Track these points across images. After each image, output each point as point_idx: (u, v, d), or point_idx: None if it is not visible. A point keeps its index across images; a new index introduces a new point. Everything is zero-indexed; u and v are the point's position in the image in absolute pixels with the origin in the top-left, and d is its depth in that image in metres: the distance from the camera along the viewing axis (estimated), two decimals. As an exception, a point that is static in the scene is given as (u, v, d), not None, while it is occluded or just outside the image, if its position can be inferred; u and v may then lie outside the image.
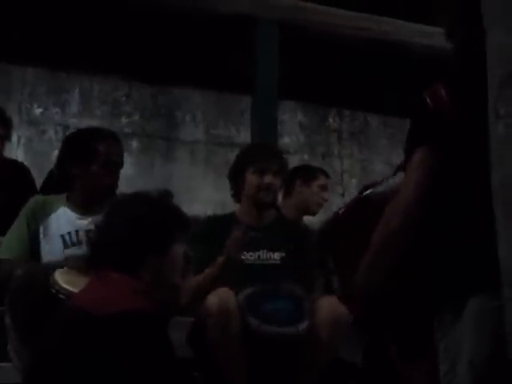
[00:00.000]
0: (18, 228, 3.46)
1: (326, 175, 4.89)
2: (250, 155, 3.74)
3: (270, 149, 3.93)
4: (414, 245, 2.18)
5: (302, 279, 3.52)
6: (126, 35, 5.46)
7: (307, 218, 4.78)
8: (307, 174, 4.80)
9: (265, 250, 3.61)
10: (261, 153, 3.74)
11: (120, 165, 3.55)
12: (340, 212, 2.66)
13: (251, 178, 3.66)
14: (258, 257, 3.60)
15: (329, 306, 3.29)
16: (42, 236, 3.44)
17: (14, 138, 5.24)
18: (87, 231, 3.38)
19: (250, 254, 3.59)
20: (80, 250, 3.33)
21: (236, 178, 3.74)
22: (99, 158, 3.45)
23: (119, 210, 2.51)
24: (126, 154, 5.59)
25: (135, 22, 5.38)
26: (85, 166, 3.46)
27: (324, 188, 4.79)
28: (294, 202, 4.68)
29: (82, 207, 3.50)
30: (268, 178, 3.64)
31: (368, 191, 2.58)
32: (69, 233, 3.45)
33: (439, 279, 2.16)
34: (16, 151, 5.51)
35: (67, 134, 4.50)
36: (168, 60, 5.66)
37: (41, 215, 3.47)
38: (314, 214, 4.77)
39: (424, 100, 2.18)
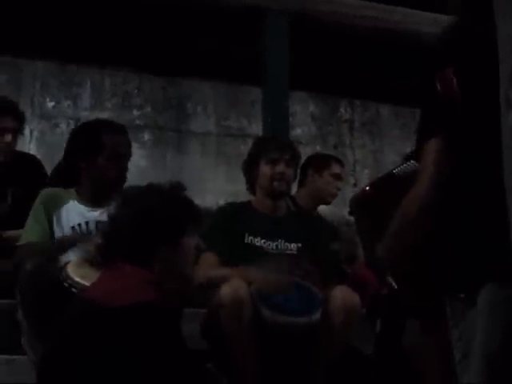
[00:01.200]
0: (36, 215, 3.49)
1: (340, 163, 4.82)
2: (263, 147, 3.78)
3: (281, 140, 3.97)
4: (428, 232, 2.18)
5: (318, 269, 3.52)
6: (136, 28, 5.46)
7: (322, 208, 4.75)
8: (319, 162, 4.75)
9: (282, 240, 3.63)
10: (273, 144, 3.78)
11: (127, 156, 3.56)
12: (366, 188, 2.66)
13: (264, 169, 3.69)
14: (276, 247, 3.61)
15: (342, 296, 3.30)
16: (54, 225, 3.47)
17: (27, 131, 5.26)
18: (98, 222, 3.40)
19: (269, 243, 3.61)
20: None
21: (250, 169, 3.77)
22: (105, 151, 3.47)
23: (131, 202, 2.51)
24: (137, 147, 5.71)
25: (145, 15, 5.38)
26: (91, 159, 3.48)
27: (337, 177, 4.72)
28: (307, 192, 4.64)
29: (92, 200, 3.52)
30: (280, 168, 3.67)
31: (395, 169, 2.58)
32: (79, 224, 3.47)
33: (452, 267, 2.16)
34: (28, 145, 5.53)
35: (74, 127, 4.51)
36: (178, 52, 5.67)
37: (53, 205, 3.50)
38: (327, 203, 4.73)
39: (434, 84, 2.18)
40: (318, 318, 3.25)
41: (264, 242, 3.61)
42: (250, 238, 3.61)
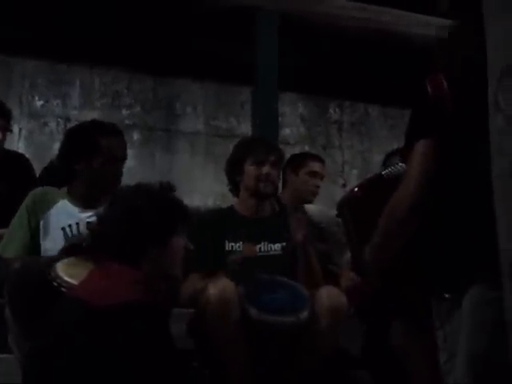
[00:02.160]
0: (19, 224, 3.46)
1: (318, 160, 4.75)
2: (248, 147, 3.76)
3: (267, 141, 3.95)
4: (415, 233, 2.19)
5: (304, 267, 3.54)
6: (126, 27, 5.46)
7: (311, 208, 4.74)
8: (295, 161, 4.68)
9: (265, 242, 3.62)
10: (258, 145, 3.76)
11: (123, 159, 3.55)
12: (356, 189, 2.66)
13: (249, 170, 3.68)
14: (259, 249, 3.61)
15: (328, 296, 3.30)
16: (42, 229, 3.44)
17: (15, 130, 5.25)
18: (88, 223, 3.39)
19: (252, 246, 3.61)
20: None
21: (234, 170, 3.75)
22: (102, 153, 3.45)
23: (121, 201, 2.51)
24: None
25: (135, 14, 5.37)
26: (88, 161, 3.46)
27: (314, 174, 4.65)
28: (289, 192, 4.61)
29: (84, 200, 3.50)
30: (266, 169, 3.66)
31: (384, 171, 2.59)
32: (69, 225, 3.45)
33: (439, 267, 2.17)
34: (17, 143, 5.51)
35: (69, 127, 4.50)
36: (168, 52, 5.66)
37: (41, 207, 3.47)
38: (309, 201, 4.70)
39: (424, 87, 2.18)
40: (305, 318, 3.24)
41: (245, 247, 3.61)
42: (231, 244, 3.60)
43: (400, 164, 2.46)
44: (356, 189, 2.67)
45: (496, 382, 2.03)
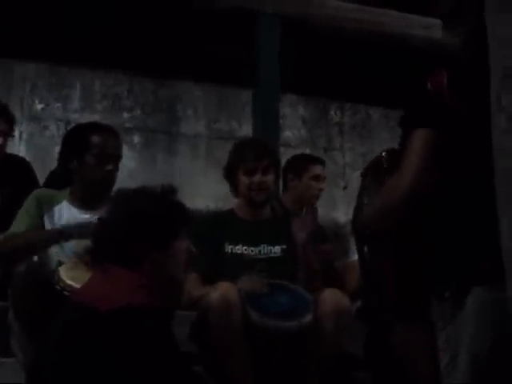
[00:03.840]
0: (27, 207, 3.50)
1: (319, 163, 4.71)
2: (239, 155, 3.71)
3: (259, 146, 3.80)
4: (416, 232, 2.19)
5: (304, 269, 3.53)
6: (127, 30, 5.45)
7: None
8: (297, 166, 4.65)
9: (265, 245, 3.61)
10: (249, 152, 3.68)
11: (116, 157, 3.55)
12: (383, 154, 2.61)
13: (242, 179, 3.66)
14: (259, 251, 3.60)
15: (331, 299, 3.29)
16: (47, 222, 3.48)
17: (16, 133, 5.24)
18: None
19: (251, 248, 3.59)
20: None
21: (229, 177, 3.74)
22: (94, 150, 3.47)
23: (122, 204, 2.51)
24: (127, 149, 5.70)
25: (136, 17, 5.37)
26: (81, 159, 3.49)
27: (317, 178, 4.62)
28: (290, 196, 4.58)
29: (83, 202, 3.52)
30: (257, 178, 3.63)
31: None
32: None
33: (442, 268, 2.16)
34: (18, 147, 5.51)
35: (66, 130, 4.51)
36: (169, 54, 5.66)
37: (45, 204, 3.51)
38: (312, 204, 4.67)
39: (425, 85, 2.18)
40: (308, 322, 3.24)
41: (245, 249, 3.59)
42: (230, 247, 3.60)
43: None
44: (384, 153, 2.60)
45: (498, 382, 2.02)
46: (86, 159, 3.48)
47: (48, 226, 3.48)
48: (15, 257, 3.29)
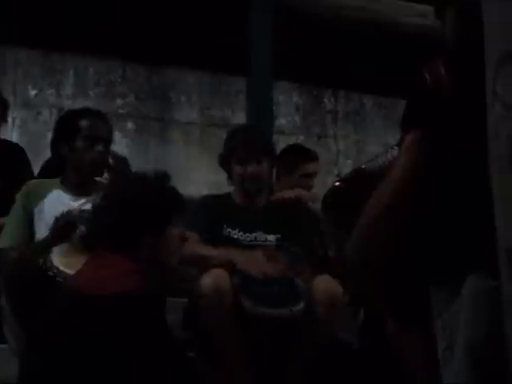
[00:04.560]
0: (15, 215, 3.47)
1: (311, 159, 4.59)
2: (232, 145, 3.69)
3: (252, 135, 3.79)
4: (411, 221, 2.19)
5: (298, 259, 3.52)
6: (120, 16, 5.44)
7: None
8: (288, 163, 4.50)
9: (261, 232, 3.61)
10: (242, 141, 3.67)
11: (104, 141, 3.54)
12: (337, 183, 2.67)
13: (236, 169, 3.65)
14: (255, 238, 3.60)
15: (324, 286, 3.30)
16: (36, 218, 3.45)
17: (9, 119, 5.22)
18: (82, 211, 3.39)
19: (247, 235, 3.59)
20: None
21: (224, 166, 3.73)
22: (82, 133, 3.48)
23: (116, 190, 2.51)
24: (120, 136, 5.69)
25: (129, 4, 5.35)
26: (70, 145, 3.49)
27: (308, 176, 4.51)
28: (282, 188, 4.55)
29: (75, 188, 3.52)
30: (251, 168, 3.62)
31: (364, 164, 2.60)
32: (62, 214, 3.46)
33: (437, 256, 2.17)
34: (11, 133, 5.49)
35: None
36: (163, 41, 5.65)
37: (35, 198, 3.49)
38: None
39: (422, 76, 2.18)
40: (300, 309, 3.24)
41: (241, 235, 3.59)
42: (228, 229, 3.59)
43: (382, 155, 2.48)
44: (338, 183, 2.67)
45: (494, 369, 2.03)
46: (75, 144, 3.48)
47: (37, 220, 3.44)
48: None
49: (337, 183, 2.68)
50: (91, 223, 2.53)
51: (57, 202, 3.47)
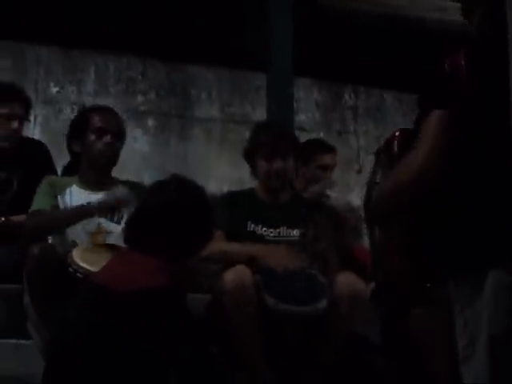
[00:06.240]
0: (43, 190, 3.59)
1: (328, 151, 4.57)
2: (258, 140, 3.69)
3: (278, 130, 3.79)
4: (432, 214, 2.18)
5: (321, 255, 3.53)
6: (140, 13, 5.45)
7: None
8: (305, 153, 4.37)
9: (284, 227, 3.62)
10: (268, 137, 3.67)
11: (114, 133, 3.63)
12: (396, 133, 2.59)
13: (261, 164, 3.65)
14: (279, 233, 3.60)
15: (347, 282, 3.29)
16: (60, 205, 3.58)
17: (31, 117, 5.25)
18: (99, 203, 3.48)
19: (271, 230, 3.60)
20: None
21: (249, 160, 3.73)
22: (92, 127, 3.60)
23: (153, 194, 2.57)
24: (141, 132, 5.71)
25: (150, 0, 5.36)
26: (82, 140, 3.62)
27: (325, 167, 4.48)
28: (299, 182, 4.52)
29: (92, 183, 3.63)
30: (277, 164, 3.62)
31: None
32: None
33: (460, 250, 2.15)
34: (33, 130, 5.52)
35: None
36: (182, 38, 5.65)
37: (58, 189, 3.61)
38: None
39: (442, 66, 2.17)
40: (323, 307, 3.23)
41: (265, 230, 3.60)
42: (253, 225, 3.60)
43: None
44: (397, 133, 2.59)
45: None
46: (86, 138, 3.61)
47: (62, 207, 3.54)
48: (38, 234, 3.40)
49: (396, 133, 2.58)
50: (130, 222, 2.59)
51: (76, 197, 3.58)
